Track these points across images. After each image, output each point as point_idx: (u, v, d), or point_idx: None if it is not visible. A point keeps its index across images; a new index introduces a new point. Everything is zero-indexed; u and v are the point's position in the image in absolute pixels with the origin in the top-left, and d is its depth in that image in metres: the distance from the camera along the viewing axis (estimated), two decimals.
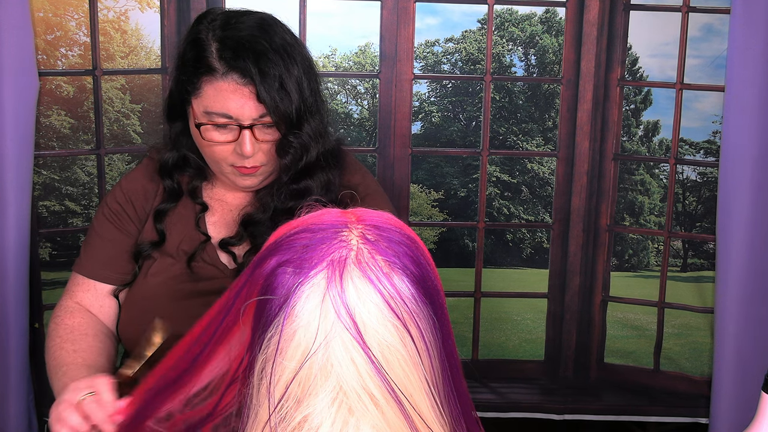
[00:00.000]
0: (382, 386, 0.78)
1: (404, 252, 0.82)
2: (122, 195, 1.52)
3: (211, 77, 1.33)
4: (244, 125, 1.33)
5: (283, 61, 1.33)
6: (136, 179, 1.53)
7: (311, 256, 0.80)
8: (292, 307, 0.79)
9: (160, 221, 1.47)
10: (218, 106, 1.33)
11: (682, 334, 2.44)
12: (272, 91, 1.31)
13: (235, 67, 1.31)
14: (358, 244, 0.81)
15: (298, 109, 1.33)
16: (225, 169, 1.41)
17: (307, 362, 0.78)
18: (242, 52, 1.31)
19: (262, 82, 1.30)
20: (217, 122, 1.34)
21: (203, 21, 1.38)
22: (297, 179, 1.38)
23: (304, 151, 1.36)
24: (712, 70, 2.30)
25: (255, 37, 1.33)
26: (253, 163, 1.38)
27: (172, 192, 1.48)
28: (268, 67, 1.31)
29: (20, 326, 2.10)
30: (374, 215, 0.85)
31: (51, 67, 2.17)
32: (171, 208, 1.48)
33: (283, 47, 1.34)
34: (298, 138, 1.34)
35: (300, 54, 1.38)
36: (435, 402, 0.81)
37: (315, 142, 1.37)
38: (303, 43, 1.42)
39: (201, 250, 1.45)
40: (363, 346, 0.78)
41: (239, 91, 1.32)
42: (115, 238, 1.50)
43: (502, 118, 2.40)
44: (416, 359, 0.80)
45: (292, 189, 1.39)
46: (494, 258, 2.46)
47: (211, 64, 1.33)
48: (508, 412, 2.44)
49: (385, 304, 0.79)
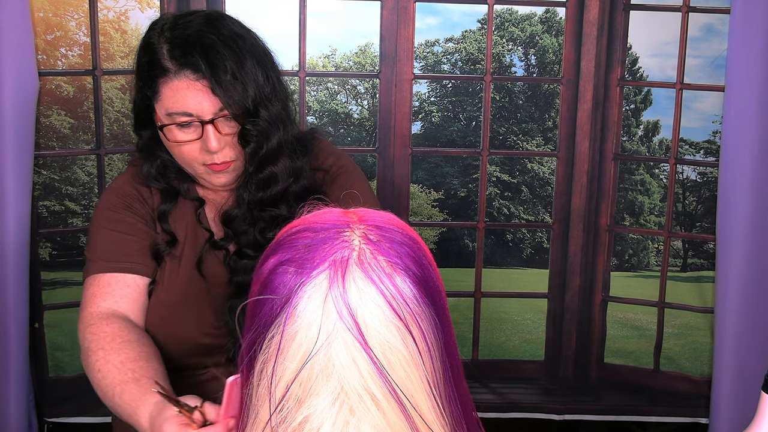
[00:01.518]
0: (383, 387, 0.78)
1: (406, 252, 0.82)
2: (119, 195, 1.47)
3: (165, 78, 1.33)
4: (205, 120, 1.33)
5: (233, 52, 1.33)
6: (126, 183, 1.49)
7: (313, 256, 0.80)
8: (294, 307, 0.79)
9: (166, 221, 1.46)
10: (177, 106, 1.33)
11: (682, 334, 2.44)
12: (225, 83, 1.30)
13: (186, 64, 1.31)
14: (360, 244, 0.81)
15: (254, 98, 1.33)
16: (198, 170, 1.40)
17: (308, 362, 0.78)
18: (191, 48, 1.31)
19: (213, 75, 1.30)
20: (178, 121, 1.34)
21: (155, 27, 1.39)
22: (260, 167, 1.37)
23: (264, 139, 1.35)
24: (712, 70, 2.30)
25: (202, 32, 1.33)
26: (223, 159, 1.37)
27: (168, 192, 1.47)
28: (218, 59, 1.31)
29: (20, 326, 2.10)
30: (376, 215, 0.85)
31: (51, 67, 2.17)
32: (171, 208, 1.47)
33: (232, 38, 1.34)
34: (255, 125, 1.34)
35: (251, 44, 1.37)
36: (436, 402, 0.81)
37: (275, 129, 1.35)
38: (255, 34, 1.41)
39: (207, 249, 1.45)
40: (365, 346, 0.78)
41: (194, 87, 1.32)
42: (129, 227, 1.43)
43: (502, 118, 2.40)
44: (418, 360, 0.80)
45: (258, 179, 1.38)
46: (494, 258, 2.46)
47: (163, 65, 1.33)
48: (508, 412, 2.44)
49: (387, 305, 0.79)
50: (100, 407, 2.27)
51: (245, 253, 1.40)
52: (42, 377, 2.26)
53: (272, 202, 1.38)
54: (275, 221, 1.38)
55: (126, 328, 1.33)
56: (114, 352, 1.29)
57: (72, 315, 2.25)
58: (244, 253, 1.40)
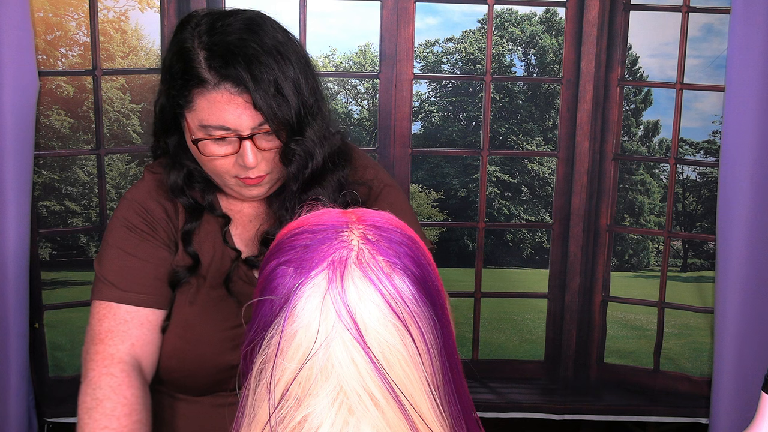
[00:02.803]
0: (382, 386, 0.78)
1: (405, 252, 0.82)
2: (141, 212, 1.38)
3: (202, 89, 1.24)
4: (244, 136, 1.25)
5: (277, 63, 1.23)
6: (149, 196, 1.39)
7: (312, 257, 0.80)
8: (293, 308, 0.79)
9: (190, 243, 1.37)
10: (214, 119, 1.24)
11: (682, 334, 2.44)
12: (268, 98, 1.21)
13: (227, 76, 1.22)
14: (359, 244, 0.81)
15: (298, 113, 1.24)
16: (229, 182, 1.33)
17: (307, 362, 0.78)
18: (232, 59, 1.22)
19: (257, 89, 1.21)
20: (215, 135, 1.25)
21: (187, 27, 1.28)
22: (306, 188, 1.30)
23: (309, 158, 1.27)
24: (712, 70, 2.30)
25: (244, 40, 1.23)
26: (258, 173, 1.30)
27: (193, 209, 1.38)
28: (262, 71, 1.22)
29: (20, 326, 2.10)
30: (375, 215, 0.85)
31: (51, 67, 2.17)
32: (197, 227, 1.38)
33: (276, 48, 1.25)
34: (301, 145, 1.25)
35: (294, 52, 1.28)
36: (435, 402, 0.81)
37: (320, 147, 1.28)
38: (296, 39, 1.33)
39: (235, 268, 1.37)
40: (363, 346, 0.78)
41: (234, 101, 1.23)
42: (147, 253, 1.36)
43: (502, 118, 2.40)
44: (417, 360, 0.80)
45: (302, 199, 1.29)
46: (494, 258, 2.46)
47: (201, 75, 1.23)
48: (508, 412, 2.44)
49: (386, 305, 0.79)
50: None
51: None
52: (42, 377, 2.26)
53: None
54: None
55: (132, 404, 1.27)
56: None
57: (72, 315, 2.25)
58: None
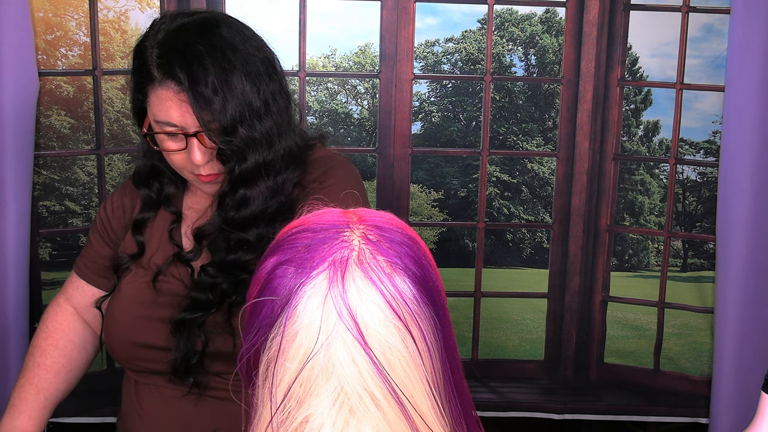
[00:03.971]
0: (383, 387, 0.78)
1: (406, 252, 0.82)
2: (109, 208, 1.54)
3: (152, 85, 1.28)
4: (189, 133, 1.28)
5: (219, 65, 1.25)
6: (119, 191, 1.54)
7: (313, 257, 0.80)
8: (294, 308, 0.79)
9: (140, 232, 1.45)
10: (162, 115, 1.28)
11: (682, 334, 2.44)
12: (204, 99, 1.24)
13: (170, 75, 1.26)
14: (360, 244, 0.81)
15: (233, 116, 1.25)
16: (188, 177, 1.37)
17: (308, 363, 0.78)
18: (175, 58, 1.25)
19: (192, 89, 1.23)
20: (165, 131, 1.29)
21: (153, 26, 1.33)
22: (233, 189, 1.31)
23: (239, 159, 1.28)
24: (712, 70, 2.30)
25: (191, 42, 1.26)
26: (209, 171, 1.32)
27: (148, 201, 1.45)
28: (200, 73, 1.24)
29: (20, 326, 2.10)
30: (376, 215, 0.85)
31: (51, 67, 2.17)
32: (150, 218, 1.45)
33: (222, 50, 1.26)
34: (229, 145, 1.26)
35: (244, 56, 1.28)
36: (436, 402, 0.81)
37: (252, 149, 1.28)
38: (257, 43, 1.33)
39: (171, 263, 1.41)
40: (364, 346, 0.78)
41: (176, 99, 1.26)
42: (101, 249, 1.54)
43: (502, 118, 2.40)
44: (417, 360, 0.80)
45: (231, 199, 1.32)
46: (494, 258, 2.46)
47: (150, 72, 1.28)
48: (508, 411, 2.44)
49: (387, 305, 0.79)
50: (101, 407, 2.28)
51: (207, 270, 1.35)
52: None
53: (241, 225, 1.32)
54: (243, 245, 1.32)
55: (63, 331, 1.54)
56: (38, 350, 1.52)
57: None
58: (207, 270, 1.35)
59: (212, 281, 1.33)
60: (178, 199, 1.47)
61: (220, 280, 1.33)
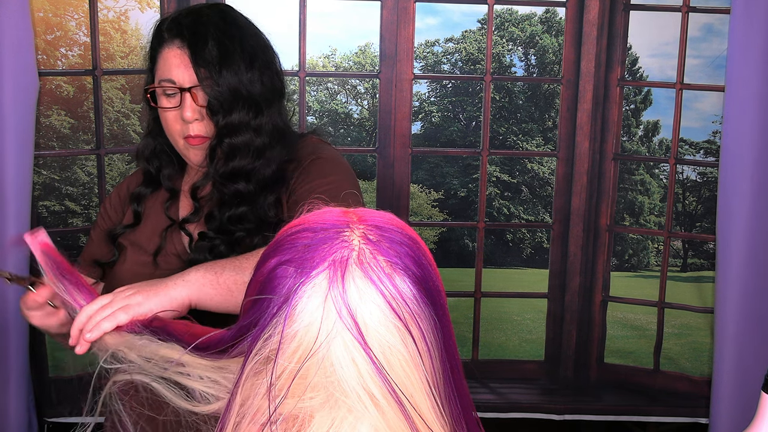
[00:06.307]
0: (382, 386, 0.78)
1: (406, 252, 0.82)
2: (109, 205, 1.60)
3: (160, 47, 1.41)
4: (184, 87, 1.38)
5: (221, 31, 1.38)
6: (128, 178, 1.61)
7: (313, 256, 0.80)
8: (293, 307, 0.79)
9: (138, 203, 1.52)
10: (164, 73, 1.40)
11: (682, 334, 2.44)
12: (203, 54, 1.36)
13: (177, 34, 1.39)
14: (360, 244, 0.81)
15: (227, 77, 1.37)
16: (179, 143, 1.44)
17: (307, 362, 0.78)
18: (184, 22, 1.39)
19: (193, 45, 1.36)
20: (164, 88, 1.40)
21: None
22: (220, 139, 1.40)
23: (226, 111, 1.38)
24: (712, 70, 2.30)
25: (201, 10, 1.41)
26: (198, 132, 1.40)
27: (148, 176, 1.52)
28: (203, 31, 1.37)
29: (20, 327, 2.10)
30: (376, 215, 0.85)
31: (51, 67, 2.16)
32: (148, 193, 1.52)
33: (225, 21, 1.40)
34: (217, 96, 1.37)
35: (248, 33, 1.42)
36: (436, 402, 0.81)
37: (239, 105, 1.38)
38: (259, 31, 1.46)
39: (169, 237, 1.47)
40: (364, 346, 0.77)
41: (178, 55, 1.38)
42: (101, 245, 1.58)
43: (502, 118, 2.40)
44: (417, 360, 0.79)
45: (220, 150, 1.41)
46: (494, 258, 2.46)
47: (162, 35, 1.41)
48: (508, 412, 2.44)
49: (387, 305, 0.79)
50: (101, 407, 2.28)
51: (206, 234, 1.42)
52: (42, 377, 2.26)
53: (231, 175, 1.40)
54: (239, 199, 1.40)
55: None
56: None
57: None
58: (206, 234, 1.42)
59: (210, 244, 1.40)
60: (176, 180, 1.54)
61: (218, 242, 1.40)
